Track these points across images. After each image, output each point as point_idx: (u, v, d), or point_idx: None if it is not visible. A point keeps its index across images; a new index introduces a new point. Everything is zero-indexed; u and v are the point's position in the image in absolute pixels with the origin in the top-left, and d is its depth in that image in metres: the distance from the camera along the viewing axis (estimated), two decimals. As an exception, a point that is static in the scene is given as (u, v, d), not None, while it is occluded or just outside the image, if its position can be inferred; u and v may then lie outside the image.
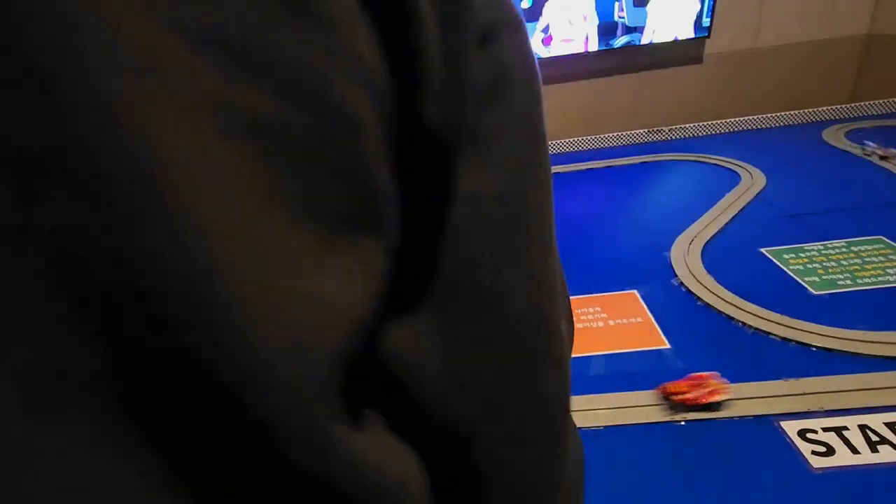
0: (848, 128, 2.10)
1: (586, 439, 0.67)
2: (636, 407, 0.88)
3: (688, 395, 0.83)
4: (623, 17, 2.65)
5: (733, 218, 1.50)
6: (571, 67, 3.01)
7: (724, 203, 1.60)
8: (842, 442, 0.76)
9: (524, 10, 2.64)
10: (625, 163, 2.08)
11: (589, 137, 2.32)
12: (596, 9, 2.61)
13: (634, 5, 2.61)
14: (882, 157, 1.71)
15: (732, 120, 2.28)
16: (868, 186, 1.58)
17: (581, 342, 1.07)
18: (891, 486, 0.69)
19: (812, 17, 2.91)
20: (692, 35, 2.86)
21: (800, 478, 0.72)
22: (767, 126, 2.26)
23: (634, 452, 0.80)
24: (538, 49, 2.84)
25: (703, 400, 0.83)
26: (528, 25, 0.18)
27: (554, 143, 2.34)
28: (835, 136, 2.03)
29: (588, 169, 2.08)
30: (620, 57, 2.98)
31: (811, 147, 1.97)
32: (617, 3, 2.59)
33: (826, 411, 0.82)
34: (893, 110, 2.22)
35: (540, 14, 2.66)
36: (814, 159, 1.86)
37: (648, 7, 2.58)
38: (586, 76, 3.03)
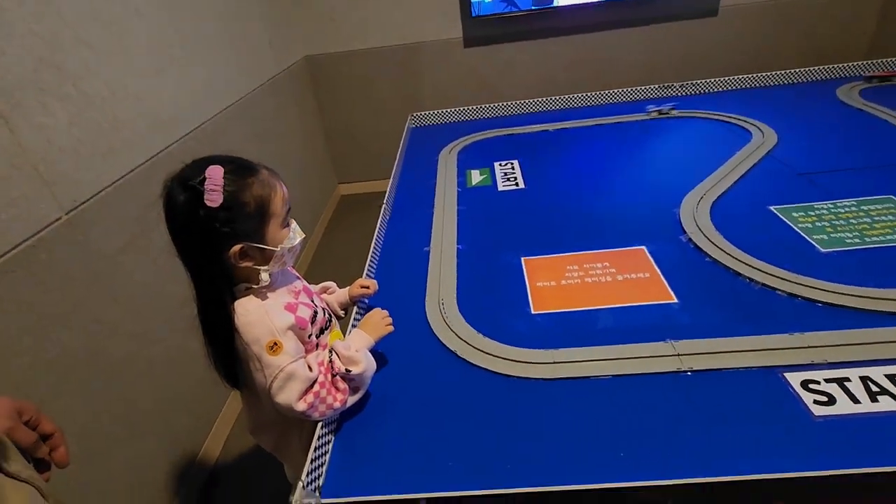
0: (862, 86, 2.05)
1: (595, 389, 0.70)
2: (644, 358, 0.90)
3: None
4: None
5: (743, 175, 1.49)
6: (581, 19, 2.91)
7: (735, 161, 1.58)
8: (843, 392, 0.79)
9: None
10: (635, 119, 2.04)
11: (599, 93, 2.26)
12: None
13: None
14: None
15: (746, 76, 2.22)
16: (880, 146, 1.57)
17: (590, 296, 1.08)
18: (888, 432, 0.72)
19: (835, -34, 2.78)
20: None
21: (802, 425, 0.75)
22: (781, 83, 2.21)
23: (642, 401, 0.82)
24: (548, -2, 2.71)
25: None
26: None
27: (563, 97, 2.28)
28: (848, 95, 1.98)
29: (598, 125, 2.04)
30: (632, 8, 2.87)
31: (825, 105, 1.93)
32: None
33: (829, 363, 0.84)
34: (911, 68, 2.16)
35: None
36: (827, 117, 1.82)
37: (666, -47, 2.45)
38: (596, 28, 2.93)
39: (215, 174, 0.74)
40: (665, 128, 1.94)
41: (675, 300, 1.03)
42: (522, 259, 1.25)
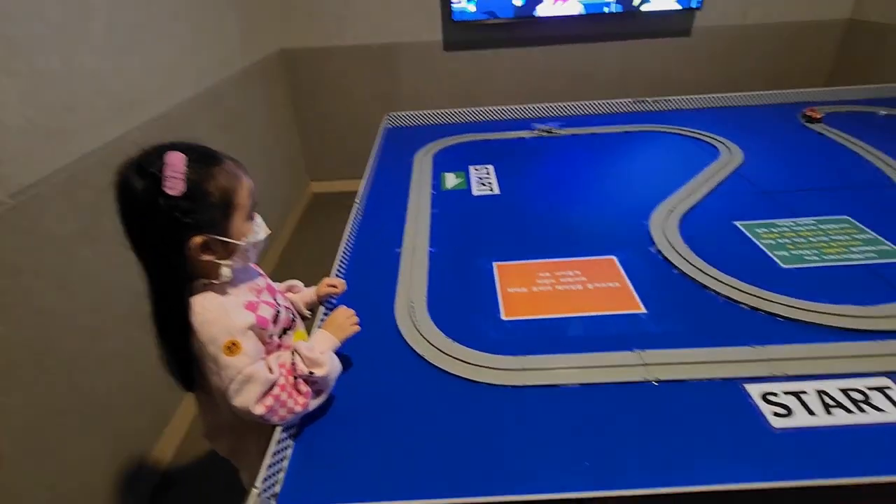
0: (824, 111, 2.15)
1: (563, 397, 0.68)
2: (612, 367, 0.90)
3: None
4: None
5: (711, 191, 1.53)
6: (560, 30, 2.95)
7: (703, 176, 1.63)
8: (800, 404, 0.81)
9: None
10: (608, 131, 2.08)
11: (574, 103, 2.29)
12: (591, -31, 2.53)
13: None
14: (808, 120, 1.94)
15: (715, 95, 2.29)
16: (838, 169, 1.64)
17: (561, 304, 1.08)
18: (842, 444, 0.74)
19: (800, -4, 2.91)
20: (683, 7, 2.83)
21: (761, 435, 0.76)
22: (748, 104, 2.29)
23: (608, 410, 0.82)
24: (528, 8, 2.75)
25: None
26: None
27: (540, 106, 2.30)
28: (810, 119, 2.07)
29: (572, 135, 2.07)
30: (610, 23, 2.93)
31: (788, 127, 2.02)
32: (613, -36, 2.52)
33: (788, 376, 0.86)
34: (867, 97, 2.28)
35: (534, -32, 2.56)
36: (789, 139, 1.90)
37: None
38: (575, 40, 2.98)
39: (176, 161, 0.70)
40: (637, 141, 1.98)
41: (644, 310, 1.05)
42: (494, 264, 1.24)
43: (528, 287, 1.15)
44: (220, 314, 0.76)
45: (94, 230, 1.35)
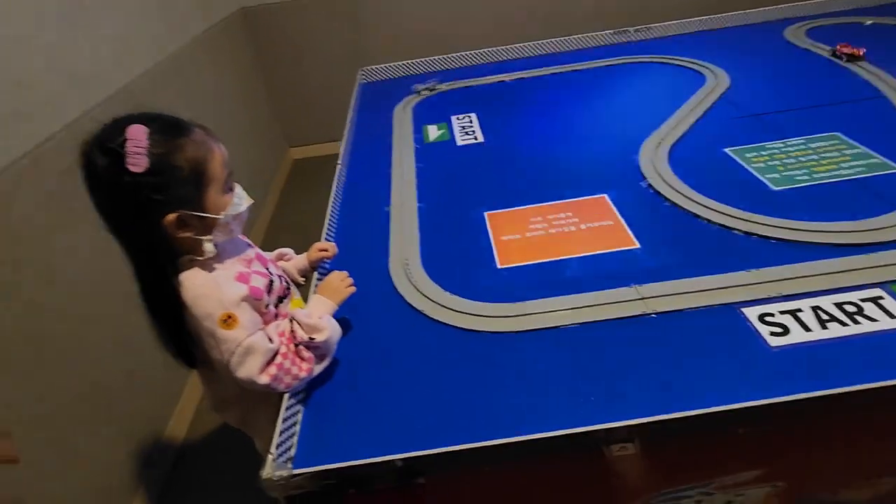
0: (808, 25, 2.09)
1: (564, 338, 0.68)
2: (610, 304, 0.91)
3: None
4: None
5: (699, 119, 1.50)
6: (533, -39, 2.79)
7: (690, 105, 1.59)
8: (796, 322, 0.82)
9: None
10: (590, 66, 2.01)
11: (552, 40, 2.21)
12: None
13: None
14: (850, 58, 1.71)
15: (698, 19, 2.21)
16: (826, 85, 1.61)
17: (555, 247, 1.08)
18: (837, 356, 0.76)
19: None
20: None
21: (760, 356, 0.78)
22: (731, 25, 2.21)
23: (609, 345, 0.83)
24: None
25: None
26: None
27: (519, 46, 2.21)
28: (796, 35, 2.02)
29: (554, 73, 2.00)
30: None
31: (774, 46, 1.96)
32: None
33: (783, 296, 0.87)
34: (852, 6, 2.20)
35: None
36: (776, 58, 1.85)
37: None
38: (549, -29, 2.83)
39: (137, 134, 0.66)
40: (621, 74, 1.92)
41: (638, 245, 1.04)
42: (486, 214, 1.22)
43: (521, 233, 1.13)
44: (211, 288, 0.75)
45: (69, 216, 1.30)
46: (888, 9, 2.15)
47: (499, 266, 1.05)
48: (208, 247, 0.75)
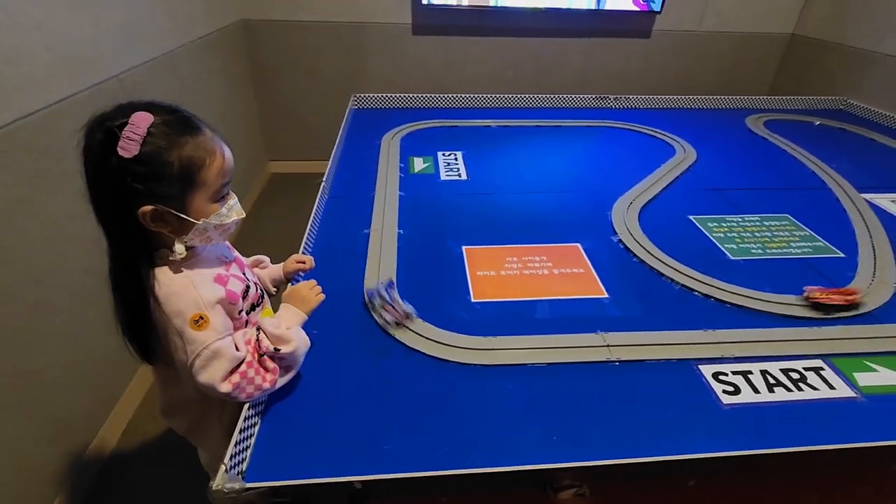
0: (766, 118, 2.30)
1: (531, 376, 0.71)
2: (577, 347, 0.94)
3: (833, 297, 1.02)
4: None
5: (667, 186, 1.61)
6: (527, 22, 2.98)
7: (660, 172, 1.70)
8: (746, 383, 0.88)
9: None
10: (573, 124, 2.13)
11: (539, 96, 2.34)
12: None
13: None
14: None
15: (671, 97, 2.40)
16: (779, 172, 1.76)
17: (528, 288, 1.11)
18: (782, 419, 0.81)
19: (750, 9, 3.08)
20: (646, 9, 2.92)
21: (712, 411, 0.82)
22: (701, 107, 2.41)
23: (573, 387, 0.86)
24: (499, -4, 2.75)
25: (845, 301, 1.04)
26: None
27: (508, 96, 2.33)
28: (755, 124, 2.21)
29: (538, 126, 2.10)
30: (574, 20, 2.99)
31: (736, 130, 2.14)
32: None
33: (736, 358, 0.93)
34: (805, 107, 2.45)
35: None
36: (737, 142, 2.02)
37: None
38: (542, 34, 3.02)
39: (141, 121, 0.65)
40: (600, 135, 2.04)
41: (606, 295, 1.09)
42: (464, 248, 1.25)
43: (496, 270, 1.17)
44: (187, 287, 0.73)
45: (38, 197, 1.25)
46: (834, 113, 2.40)
47: (472, 300, 1.07)
48: (179, 248, 0.73)
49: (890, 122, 2.24)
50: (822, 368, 0.91)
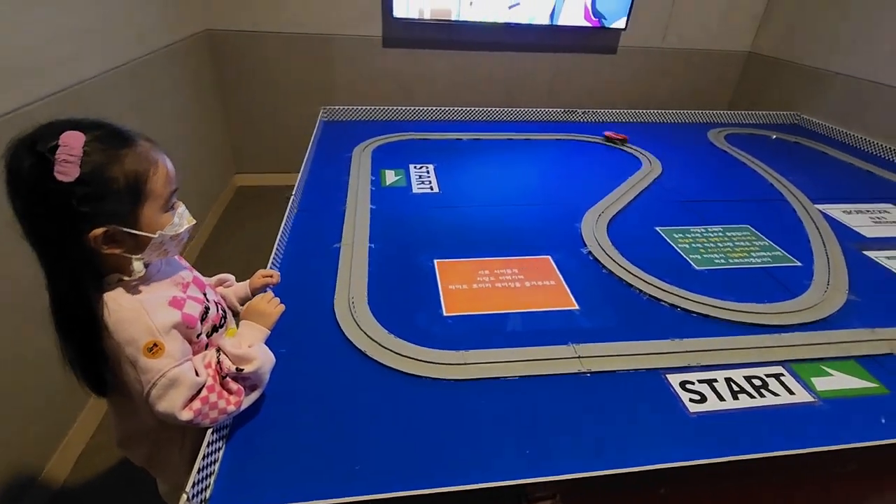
0: (727, 131, 2.39)
1: (503, 389, 0.71)
2: (548, 360, 0.94)
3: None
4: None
5: (634, 199, 1.65)
6: (495, 37, 3.03)
7: (627, 185, 1.75)
8: (712, 391, 0.90)
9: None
10: (541, 137, 2.17)
11: (509, 109, 2.37)
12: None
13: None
14: (615, 142, 2.04)
15: (637, 111, 2.47)
16: (740, 184, 1.83)
17: (500, 301, 1.11)
18: (746, 425, 0.83)
19: (710, 27, 3.22)
20: (598, 25, 3.01)
21: (680, 420, 0.83)
22: (664, 121, 2.50)
23: (546, 400, 0.86)
24: (464, 11, 2.80)
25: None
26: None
27: (478, 109, 2.35)
28: (717, 138, 2.30)
29: (509, 139, 2.13)
30: (540, 35, 3.06)
31: (698, 144, 2.22)
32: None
33: (701, 366, 0.95)
34: (762, 122, 2.57)
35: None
36: (700, 155, 2.09)
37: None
38: (510, 48, 3.07)
39: (73, 141, 0.61)
40: (568, 148, 2.08)
41: (577, 307, 1.10)
42: (435, 261, 1.25)
43: (468, 284, 1.16)
44: (138, 312, 0.69)
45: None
46: (789, 128, 2.52)
47: (444, 314, 1.07)
48: (137, 266, 0.70)
49: (840, 136, 2.37)
50: (782, 374, 0.94)
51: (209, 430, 0.73)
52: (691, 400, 0.88)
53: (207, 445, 0.71)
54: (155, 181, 0.69)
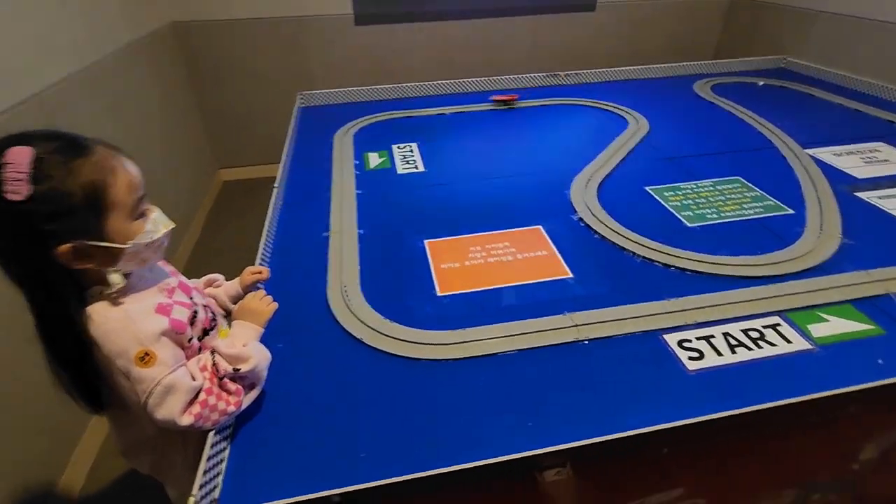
0: (714, 82, 2.35)
1: (502, 365, 0.70)
2: (545, 331, 0.94)
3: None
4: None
5: (623, 160, 1.63)
6: (470, 3, 2.94)
7: (615, 146, 1.72)
8: (710, 347, 0.90)
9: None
10: (524, 105, 2.13)
11: (490, 79, 2.32)
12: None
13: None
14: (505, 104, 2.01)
15: (620, 69, 2.42)
16: (728, 135, 1.81)
17: (493, 275, 1.11)
18: (744, 378, 0.84)
19: (689, -26, 3.12)
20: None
21: (679, 378, 0.84)
22: (649, 76, 2.45)
23: (545, 372, 0.86)
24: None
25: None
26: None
27: (459, 81, 2.30)
28: (703, 89, 2.26)
29: (492, 109, 2.09)
30: (520, -3, 2.96)
31: (685, 98, 2.18)
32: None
33: (698, 323, 0.95)
34: (748, 69, 2.52)
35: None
36: (687, 109, 2.06)
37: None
38: (486, 14, 2.99)
39: (19, 158, 0.58)
40: (552, 114, 2.05)
41: (571, 275, 1.10)
42: (426, 242, 1.23)
43: (460, 262, 1.16)
44: (125, 322, 0.68)
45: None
46: (776, 72, 2.47)
47: (438, 294, 1.06)
48: (114, 278, 0.68)
49: (827, 76, 2.33)
50: (778, 324, 0.94)
51: (212, 432, 0.73)
52: (690, 358, 0.88)
53: (211, 447, 0.71)
54: (116, 190, 0.66)
